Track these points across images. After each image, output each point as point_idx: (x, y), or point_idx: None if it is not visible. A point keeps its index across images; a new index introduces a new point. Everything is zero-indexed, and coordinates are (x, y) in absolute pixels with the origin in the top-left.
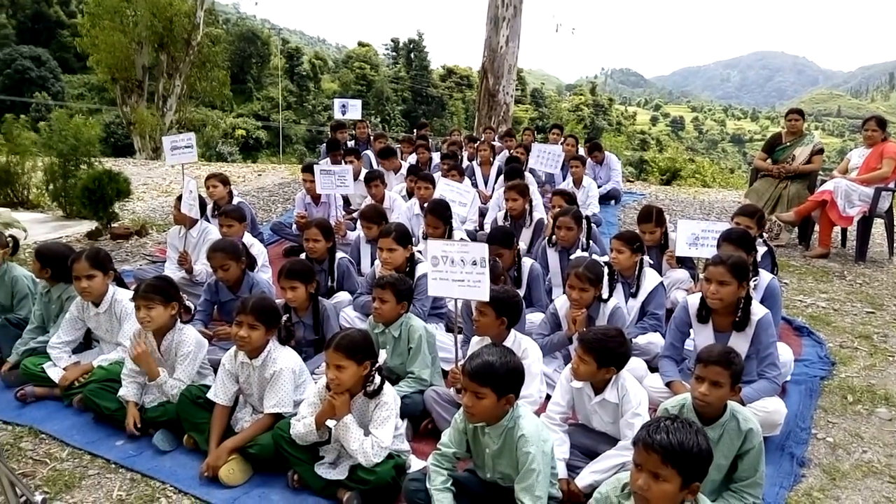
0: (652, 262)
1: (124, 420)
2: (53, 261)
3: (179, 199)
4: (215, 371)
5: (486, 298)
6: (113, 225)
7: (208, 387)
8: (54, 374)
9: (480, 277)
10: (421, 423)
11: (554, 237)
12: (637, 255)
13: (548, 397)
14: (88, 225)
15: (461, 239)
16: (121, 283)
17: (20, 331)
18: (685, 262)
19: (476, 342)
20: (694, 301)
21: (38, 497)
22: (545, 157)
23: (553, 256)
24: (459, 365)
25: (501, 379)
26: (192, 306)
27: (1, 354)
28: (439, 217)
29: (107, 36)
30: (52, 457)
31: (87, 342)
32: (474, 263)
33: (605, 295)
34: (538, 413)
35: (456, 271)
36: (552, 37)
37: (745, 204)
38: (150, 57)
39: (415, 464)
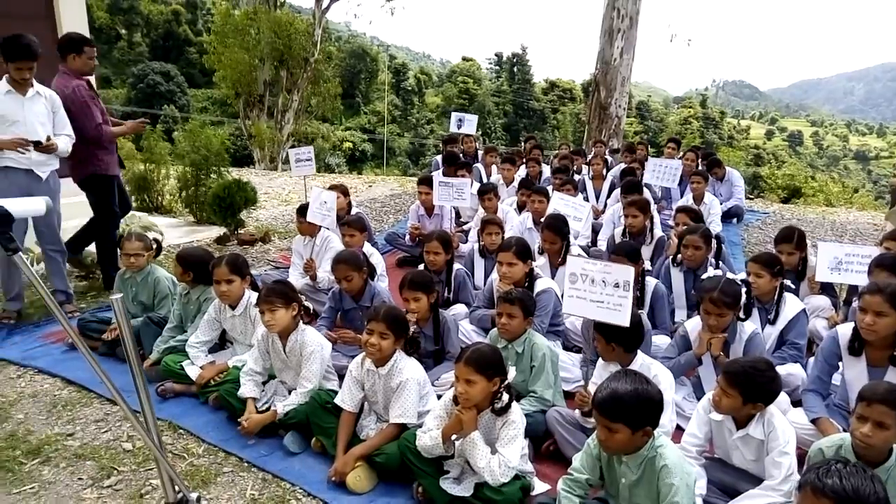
0: (792, 286)
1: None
2: (194, 264)
3: (301, 209)
4: (340, 377)
5: (627, 324)
6: (239, 231)
7: (335, 392)
8: (192, 372)
9: (622, 301)
10: (542, 443)
11: (679, 256)
12: (777, 280)
13: (677, 427)
14: (217, 231)
15: (578, 253)
16: (255, 288)
17: (160, 329)
18: (826, 289)
19: (602, 365)
20: (845, 332)
21: (194, 495)
22: (662, 172)
23: (677, 276)
24: (587, 389)
25: (634, 412)
26: (311, 307)
27: (143, 351)
28: (557, 232)
29: (231, 53)
30: (190, 452)
31: (221, 343)
32: (616, 286)
33: (741, 314)
34: None
35: (596, 292)
36: (661, 48)
37: None
38: (271, 73)
39: (538, 486)
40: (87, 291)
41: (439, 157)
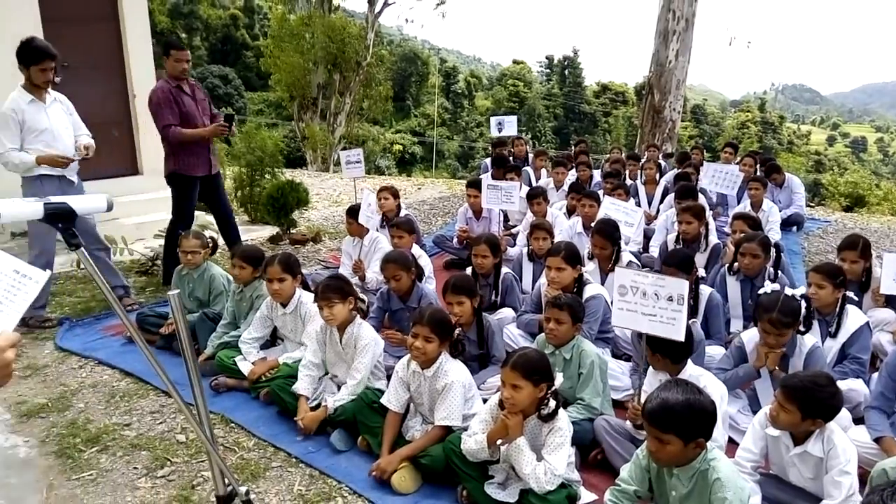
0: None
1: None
2: (250, 262)
3: (351, 211)
4: (387, 377)
5: (681, 338)
6: (292, 231)
7: (382, 391)
8: (244, 367)
9: (676, 315)
10: (589, 452)
11: (736, 264)
12: (839, 291)
13: (731, 440)
14: (270, 230)
15: (629, 263)
16: (305, 287)
17: (215, 324)
18: (891, 302)
19: (653, 374)
20: None
21: (243, 489)
22: (720, 178)
23: (733, 285)
24: (637, 400)
25: (686, 423)
26: (366, 300)
27: (198, 346)
28: (607, 237)
29: (287, 57)
30: (240, 445)
31: (273, 340)
32: (670, 299)
33: (802, 328)
34: None
35: (648, 305)
36: (719, 50)
37: None
38: (324, 76)
39: (584, 495)
40: (145, 286)
41: (488, 160)
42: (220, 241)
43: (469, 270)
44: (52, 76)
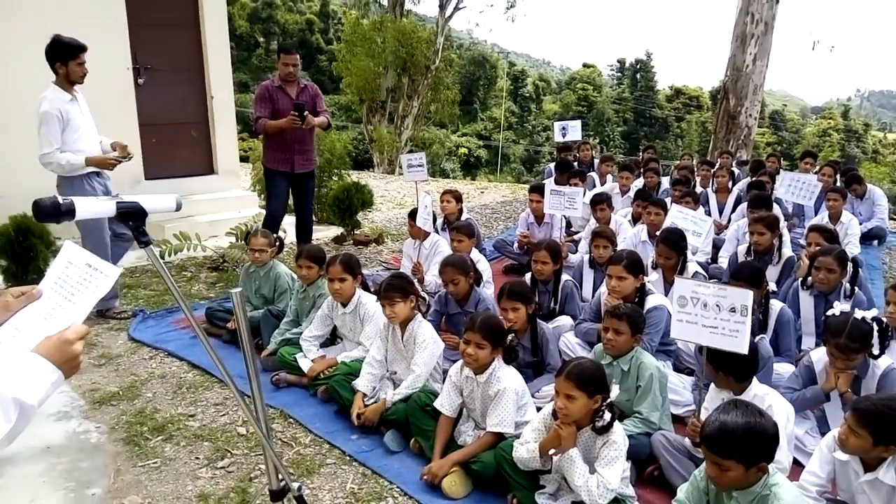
0: None
1: (360, 414)
2: (315, 262)
3: (412, 213)
4: (443, 379)
5: (745, 351)
6: (355, 232)
7: (436, 395)
8: (304, 364)
9: (739, 327)
10: (646, 467)
11: (810, 279)
12: None
13: (796, 462)
14: (335, 231)
15: (695, 274)
16: (365, 288)
17: (279, 321)
18: None
19: (715, 390)
20: None
21: (295, 484)
22: (797, 188)
23: (807, 300)
24: (698, 416)
25: (747, 448)
26: (426, 298)
27: (262, 341)
28: (672, 247)
29: (358, 61)
30: (297, 441)
31: (332, 338)
32: (733, 310)
33: (875, 350)
34: None
35: (709, 316)
36: (800, 55)
37: None
38: (394, 80)
39: None
40: (216, 282)
41: (552, 165)
42: (287, 241)
43: (528, 276)
44: (86, 69)
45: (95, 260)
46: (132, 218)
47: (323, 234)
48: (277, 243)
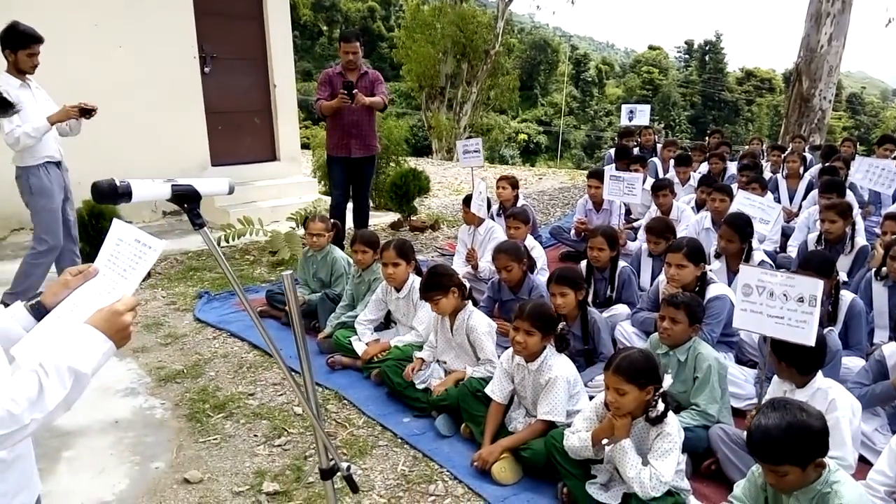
0: None
1: (413, 398)
2: (370, 247)
3: (467, 200)
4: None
5: (812, 342)
6: (412, 218)
7: (486, 381)
8: (358, 347)
9: (807, 318)
10: (703, 460)
11: (884, 269)
12: None
13: (864, 461)
14: (392, 217)
15: (761, 262)
16: (419, 273)
17: (335, 305)
18: None
19: (777, 383)
20: None
21: (344, 464)
22: (875, 174)
23: (880, 292)
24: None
25: (795, 448)
26: (468, 286)
27: (319, 324)
28: (737, 230)
29: (418, 47)
30: (351, 422)
31: (387, 322)
32: (801, 300)
33: None
34: None
35: (774, 306)
36: (880, 35)
37: None
38: (453, 66)
39: None
40: (276, 265)
41: (612, 151)
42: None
43: (584, 263)
44: (37, 61)
45: (143, 235)
46: (187, 200)
47: (380, 219)
48: (334, 228)
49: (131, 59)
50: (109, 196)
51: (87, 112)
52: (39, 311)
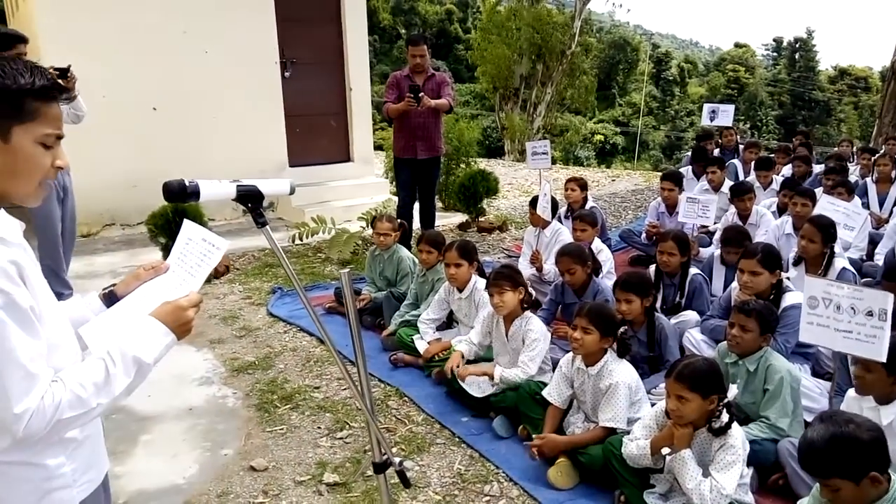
0: None
1: (471, 398)
2: (435, 247)
3: (533, 201)
4: (553, 368)
5: (883, 359)
6: (480, 219)
7: (545, 384)
8: (420, 346)
9: (877, 332)
10: (771, 474)
11: None
12: None
13: None
14: (460, 217)
15: (842, 270)
16: (482, 274)
17: (399, 303)
18: None
19: (853, 397)
20: None
21: (397, 459)
22: None
23: None
24: None
25: (839, 461)
26: (533, 293)
27: (384, 321)
28: (820, 230)
29: (493, 49)
30: (410, 419)
31: (449, 322)
32: (870, 314)
33: None
34: None
35: (842, 320)
36: None
37: None
38: (528, 67)
39: None
40: (347, 263)
41: (691, 153)
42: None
43: (653, 268)
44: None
45: (210, 235)
46: (250, 200)
47: (448, 220)
48: (401, 228)
49: (217, 64)
50: (178, 195)
51: (63, 75)
52: (111, 300)
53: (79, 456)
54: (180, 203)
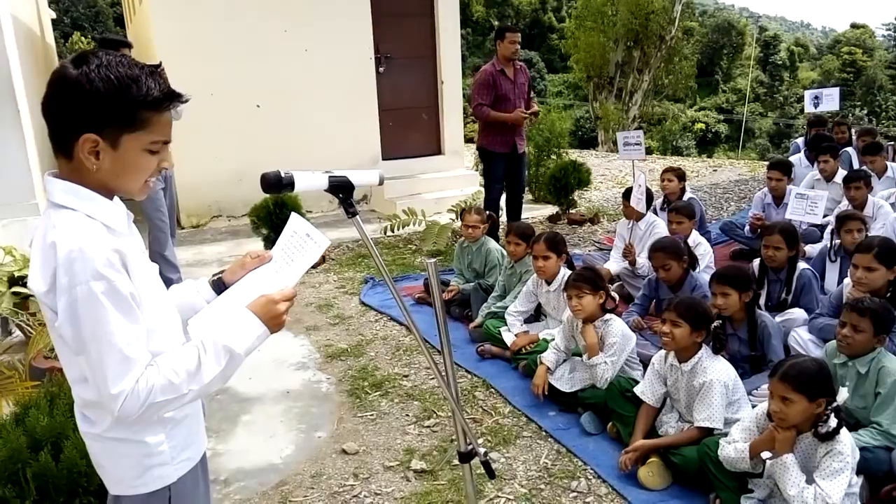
0: None
1: (559, 392)
2: (523, 239)
3: (626, 193)
4: (644, 365)
5: None
6: (570, 211)
7: (636, 381)
8: (507, 338)
9: None
10: (883, 485)
11: None
12: None
13: None
14: (551, 209)
15: None
16: (571, 267)
17: (487, 295)
18: None
19: None
20: None
21: (482, 450)
22: None
23: None
24: None
25: None
26: (615, 297)
27: (471, 313)
28: None
29: (587, 36)
30: (497, 411)
31: (536, 315)
32: None
33: None
34: None
35: None
36: None
37: None
38: (623, 54)
39: None
40: (437, 254)
41: (799, 140)
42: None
43: (756, 262)
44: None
45: (313, 231)
46: (342, 191)
47: (538, 212)
48: (490, 220)
49: (315, 61)
50: (274, 185)
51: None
52: (220, 287)
53: (177, 435)
54: (277, 193)
